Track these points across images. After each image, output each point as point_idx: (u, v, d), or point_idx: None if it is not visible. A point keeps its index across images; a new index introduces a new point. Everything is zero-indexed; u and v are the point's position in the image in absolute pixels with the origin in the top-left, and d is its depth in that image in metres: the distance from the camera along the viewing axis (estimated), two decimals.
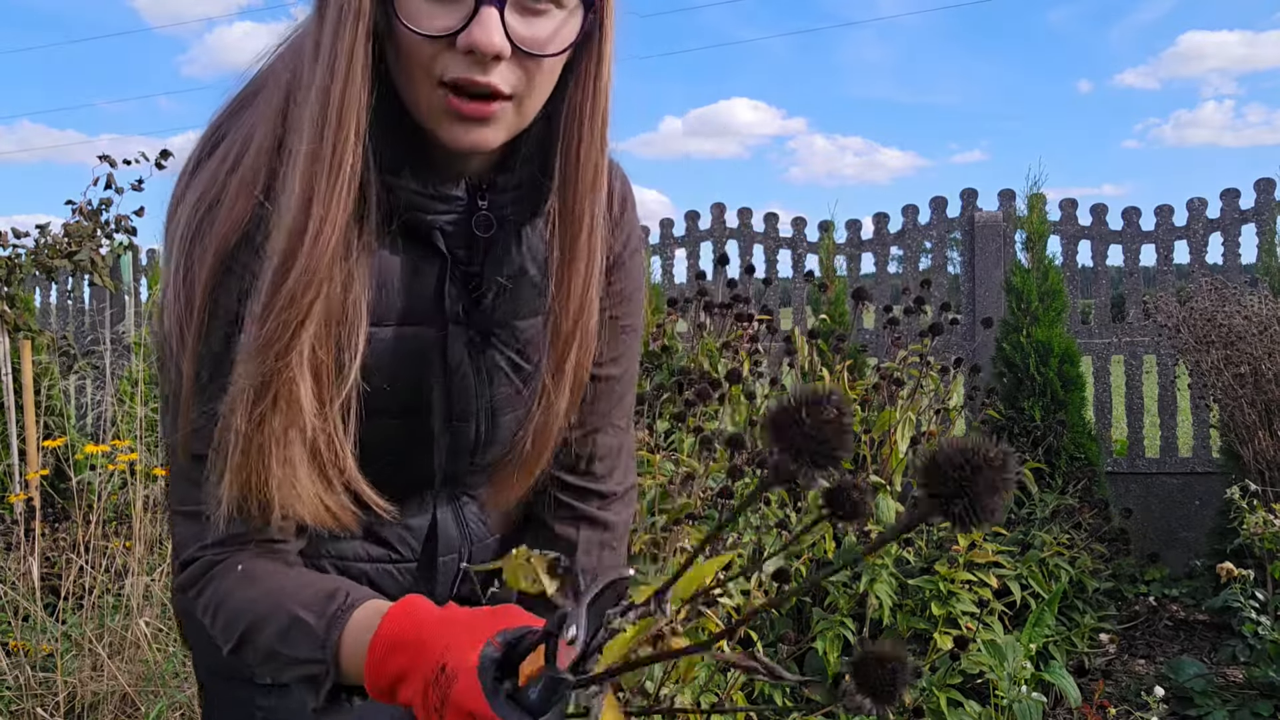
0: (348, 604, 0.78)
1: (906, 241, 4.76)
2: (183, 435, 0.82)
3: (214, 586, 0.84)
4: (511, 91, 0.78)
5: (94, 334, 5.29)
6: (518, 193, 0.87)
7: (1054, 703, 2.87)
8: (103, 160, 3.18)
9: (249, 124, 0.82)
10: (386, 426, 0.87)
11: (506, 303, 0.90)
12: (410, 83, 0.78)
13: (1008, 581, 2.72)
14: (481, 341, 0.91)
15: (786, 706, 2.28)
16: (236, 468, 0.79)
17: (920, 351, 3.03)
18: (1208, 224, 4.46)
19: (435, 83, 0.77)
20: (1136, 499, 4.36)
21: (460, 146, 0.79)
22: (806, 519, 2.25)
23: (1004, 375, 4.04)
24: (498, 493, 0.98)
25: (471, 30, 0.74)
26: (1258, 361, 3.44)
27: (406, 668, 0.71)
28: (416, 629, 0.72)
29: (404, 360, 0.87)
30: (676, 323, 3.55)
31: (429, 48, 0.75)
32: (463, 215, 0.86)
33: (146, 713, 2.47)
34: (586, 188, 0.85)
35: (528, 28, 0.77)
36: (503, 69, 0.76)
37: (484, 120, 0.78)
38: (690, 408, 2.25)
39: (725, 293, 3.30)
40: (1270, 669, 2.70)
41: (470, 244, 0.87)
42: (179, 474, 0.85)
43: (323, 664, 0.77)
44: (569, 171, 0.85)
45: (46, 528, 3.17)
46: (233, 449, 0.78)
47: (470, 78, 0.75)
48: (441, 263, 0.87)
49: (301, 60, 0.79)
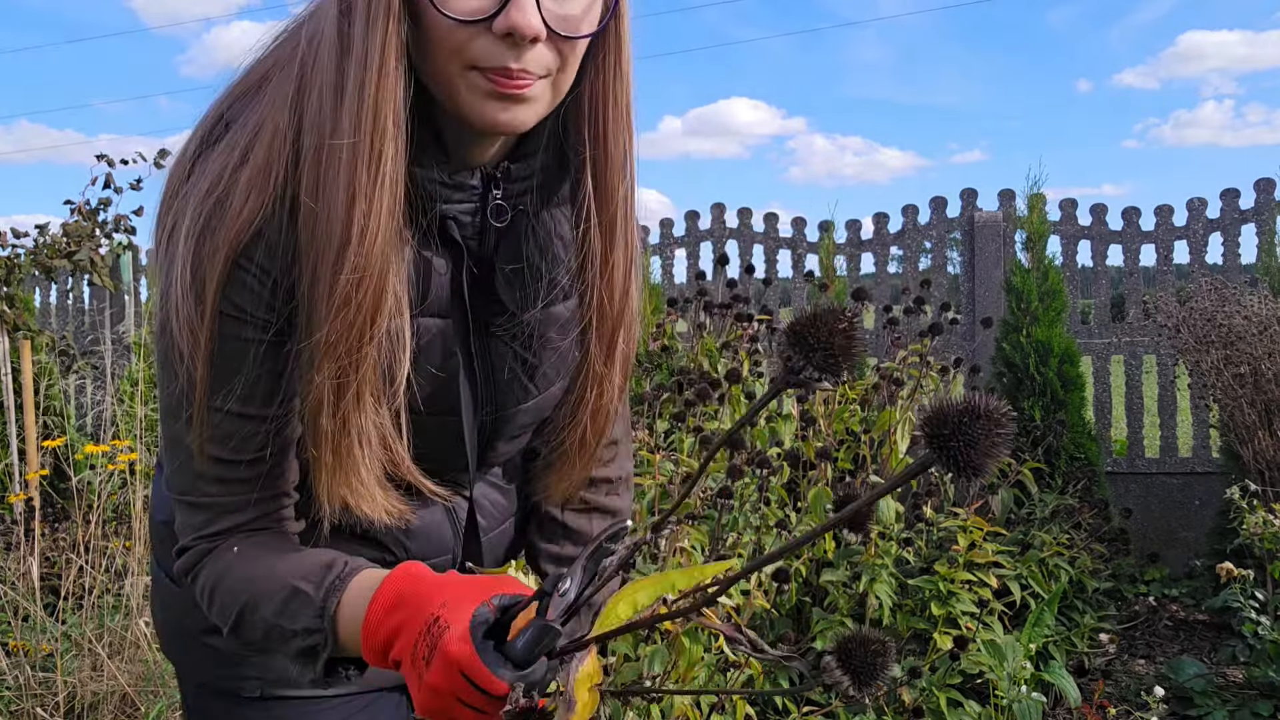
0: (346, 572, 0.79)
1: (906, 241, 4.76)
2: (198, 437, 0.81)
3: (210, 568, 0.84)
4: (548, 72, 0.77)
5: (94, 334, 5.29)
6: (530, 181, 0.86)
7: (1054, 703, 2.87)
8: (101, 160, 3.18)
9: (257, 114, 0.80)
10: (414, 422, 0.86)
11: (519, 293, 0.89)
12: (441, 69, 0.76)
13: (1007, 581, 2.72)
14: (490, 334, 0.90)
15: (787, 707, 2.28)
16: (330, 470, 0.79)
17: (920, 351, 3.03)
18: (1207, 224, 4.46)
19: (466, 67, 0.75)
20: (1136, 499, 4.36)
21: (496, 127, 0.77)
22: (808, 519, 2.25)
23: (1004, 375, 4.04)
24: (559, 480, 0.98)
25: (509, 12, 0.72)
26: (1257, 361, 3.43)
27: (403, 622, 0.72)
28: (414, 586, 0.73)
29: (424, 354, 0.86)
30: (676, 323, 3.55)
31: (462, 33, 0.74)
32: (477, 204, 0.85)
33: (146, 713, 2.47)
34: (618, 169, 0.85)
35: (560, 7, 0.76)
36: (538, 51, 0.75)
37: (522, 99, 0.76)
38: (690, 408, 2.25)
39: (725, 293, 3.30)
40: (1270, 669, 2.70)
41: (482, 234, 0.86)
42: (187, 469, 0.84)
43: (321, 632, 0.77)
44: (599, 154, 0.84)
45: (46, 528, 3.17)
46: (324, 451, 0.78)
47: (505, 65, 0.74)
48: (457, 253, 0.86)
49: (316, 51, 0.77)
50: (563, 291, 0.89)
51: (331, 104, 0.75)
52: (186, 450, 0.82)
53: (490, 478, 1.02)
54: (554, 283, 0.89)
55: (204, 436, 0.81)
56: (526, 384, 0.92)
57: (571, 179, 0.87)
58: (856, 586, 2.45)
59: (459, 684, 0.67)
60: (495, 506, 1.03)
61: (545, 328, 0.90)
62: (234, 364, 0.79)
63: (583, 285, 0.88)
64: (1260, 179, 4.39)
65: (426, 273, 0.84)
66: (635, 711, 1.74)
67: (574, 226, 0.87)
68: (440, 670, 0.67)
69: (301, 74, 0.79)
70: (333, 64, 0.75)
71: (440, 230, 0.84)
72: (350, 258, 0.75)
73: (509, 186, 0.85)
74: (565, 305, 0.90)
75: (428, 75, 0.77)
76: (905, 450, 2.89)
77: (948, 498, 3.10)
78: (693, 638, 1.81)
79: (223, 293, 0.78)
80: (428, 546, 0.98)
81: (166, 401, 0.83)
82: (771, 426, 2.76)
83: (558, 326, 0.91)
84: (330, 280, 0.75)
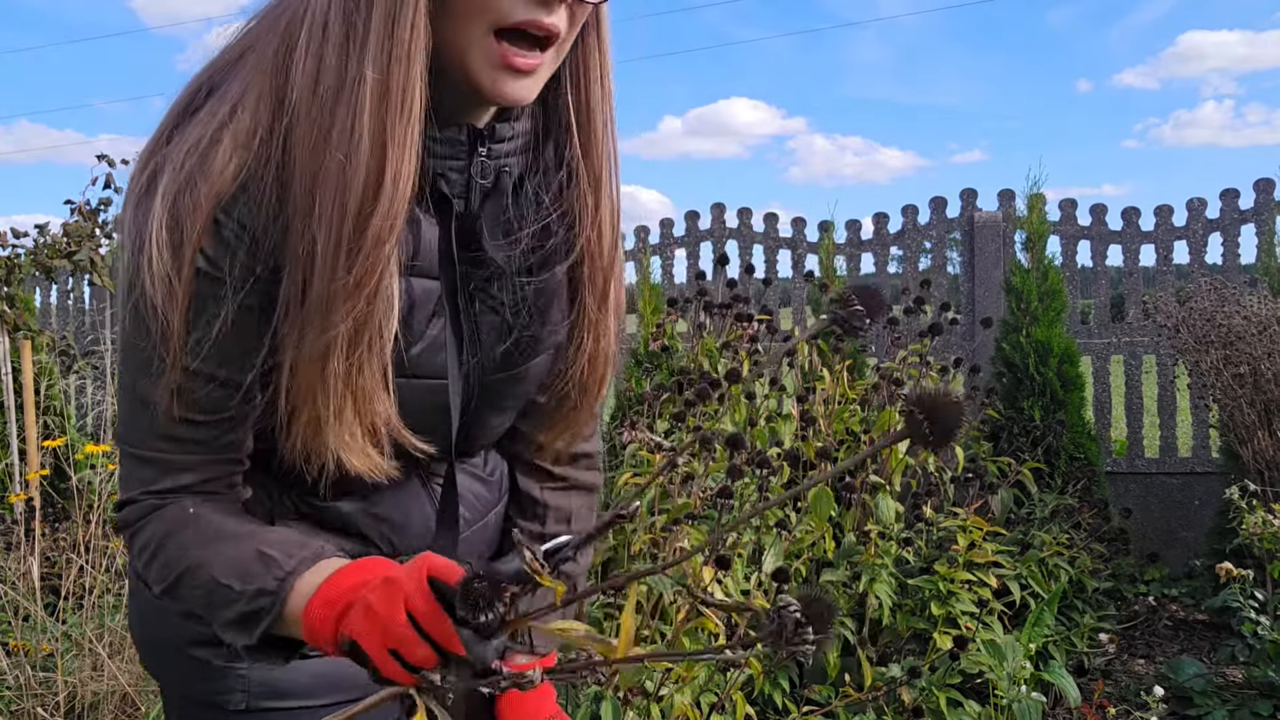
0: (324, 552, 0.80)
1: (906, 241, 4.76)
2: (166, 394, 0.80)
3: (156, 525, 0.83)
4: (563, 36, 0.80)
5: (94, 334, 5.30)
6: (515, 143, 0.88)
7: (1053, 702, 2.87)
8: (101, 160, 3.18)
9: (241, 79, 0.80)
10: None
11: (506, 255, 0.90)
12: (463, 29, 0.77)
13: (1007, 581, 2.72)
14: (477, 299, 0.90)
15: (786, 706, 2.29)
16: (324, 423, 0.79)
17: (920, 351, 3.04)
18: (1207, 224, 4.46)
19: (488, 30, 0.77)
20: (1136, 499, 4.36)
21: (503, 99, 0.80)
22: (807, 519, 2.25)
23: (1003, 375, 4.04)
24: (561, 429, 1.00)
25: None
26: (1257, 361, 3.44)
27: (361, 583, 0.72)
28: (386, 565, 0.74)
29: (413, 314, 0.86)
30: (676, 323, 3.56)
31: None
32: (465, 162, 0.86)
33: (146, 712, 2.47)
34: (600, 128, 0.89)
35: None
36: (561, 11, 0.78)
37: (530, 73, 0.79)
38: (690, 408, 2.25)
39: (725, 293, 3.30)
40: (1270, 669, 2.70)
41: (469, 192, 0.87)
42: (144, 425, 0.83)
43: (272, 595, 0.77)
44: (582, 118, 0.88)
45: (46, 528, 3.17)
46: (335, 396, 0.79)
47: (537, 19, 0.76)
48: (445, 212, 0.86)
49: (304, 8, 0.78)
50: (547, 255, 0.91)
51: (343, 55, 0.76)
52: (151, 409, 0.81)
53: (471, 468, 1.02)
54: (540, 247, 0.91)
55: (172, 394, 0.80)
56: (512, 351, 0.92)
57: (556, 141, 0.90)
58: (856, 586, 2.45)
59: (397, 611, 0.67)
60: (479, 499, 1.02)
61: (533, 293, 0.91)
62: (209, 321, 0.79)
63: (575, 238, 0.91)
64: (1260, 179, 4.40)
65: (415, 231, 0.84)
66: (635, 711, 1.75)
67: (563, 186, 0.90)
68: (381, 593, 0.69)
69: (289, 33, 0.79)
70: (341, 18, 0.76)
71: (432, 186, 0.85)
72: (384, 203, 0.76)
73: (495, 146, 0.87)
74: (552, 271, 0.92)
75: (444, 37, 0.79)
76: (905, 450, 2.89)
77: (947, 498, 3.11)
78: (692, 638, 1.81)
79: (201, 248, 0.78)
80: (411, 539, 0.97)
81: (135, 360, 0.82)
82: (771, 426, 2.77)
83: (546, 293, 0.92)
84: (361, 223, 0.76)
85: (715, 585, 1.83)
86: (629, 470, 2.34)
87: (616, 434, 3.22)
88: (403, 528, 0.97)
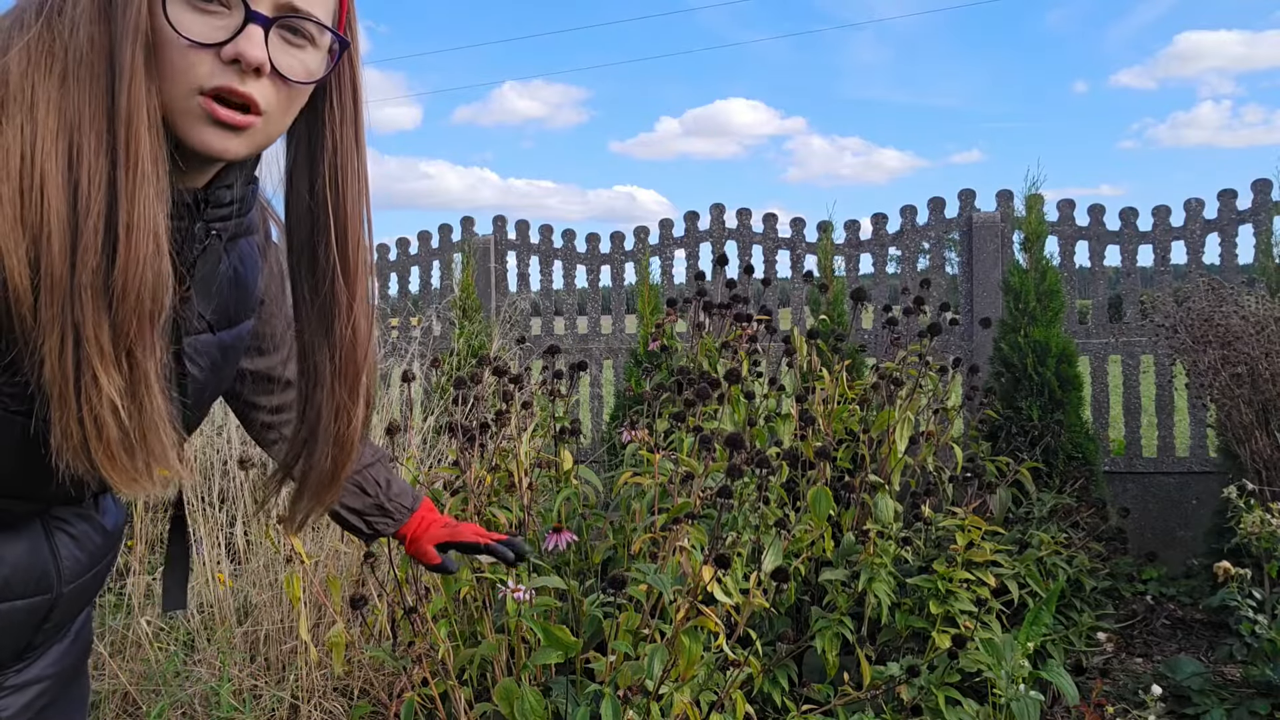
0: None
1: (905, 242, 4.77)
2: None
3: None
4: (265, 109, 0.83)
5: None
6: (231, 208, 0.92)
7: (1052, 701, 2.88)
8: None
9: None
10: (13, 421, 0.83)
11: (205, 310, 0.94)
12: (168, 85, 0.80)
13: (1006, 580, 2.73)
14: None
15: (786, 705, 2.29)
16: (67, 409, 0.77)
17: (919, 351, 3.04)
18: (1205, 224, 4.47)
19: (192, 90, 0.80)
20: (1134, 498, 4.38)
21: (210, 151, 0.83)
22: (806, 518, 2.26)
23: (1002, 375, 4.05)
24: (309, 504, 1.04)
25: (238, 42, 0.80)
26: (1255, 361, 3.45)
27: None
28: None
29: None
30: (676, 323, 3.56)
31: (192, 55, 0.79)
32: (182, 222, 0.87)
33: (148, 711, 2.48)
34: (357, 226, 0.93)
35: (285, 56, 0.84)
36: (261, 85, 0.82)
37: (237, 130, 0.83)
38: (689, 408, 2.25)
39: (724, 293, 3.31)
40: (1267, 667, 2.71)
41: (181, 250, 0.88)
42: None
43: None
44: (340, 219, 0.92)
45: None
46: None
47: (231, 85, 0.80)
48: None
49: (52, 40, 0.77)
50: (239, 316, 0.99)
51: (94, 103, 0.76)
52: None
53: (86, 509, 1.00)
54: (236, 307, 0.97)
55: None
56: (182, 405, 0.92)
57: (313, 237, 0.93)
58: (855, 585, 2.46)
59: None
60: (95, 546, 1.01)
61: (216, 350, 0.96)
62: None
63: (327, 330, 0.95)
64: (1257, 180, 4.41)
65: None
66: (635, 709, 1.75)
67: (320, 279, 0.94)
68: None
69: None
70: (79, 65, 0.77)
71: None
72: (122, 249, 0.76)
73: (211, 210, 0.90)
74: (237, 330, 0.99)
75: (161, 99, 0.81)
76: (904, 450, 2.90)
77: (946, 497, 3.11)
78: (692, 636, 1.82)
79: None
80: (27, 583, 0.93)
81: None
82: (770, 426, 2.77)
83: (226, 350, 0.98)
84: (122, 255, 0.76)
85: (715, 585, 1.83)
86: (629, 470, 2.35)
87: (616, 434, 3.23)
88: (23, 571, 0.93)
